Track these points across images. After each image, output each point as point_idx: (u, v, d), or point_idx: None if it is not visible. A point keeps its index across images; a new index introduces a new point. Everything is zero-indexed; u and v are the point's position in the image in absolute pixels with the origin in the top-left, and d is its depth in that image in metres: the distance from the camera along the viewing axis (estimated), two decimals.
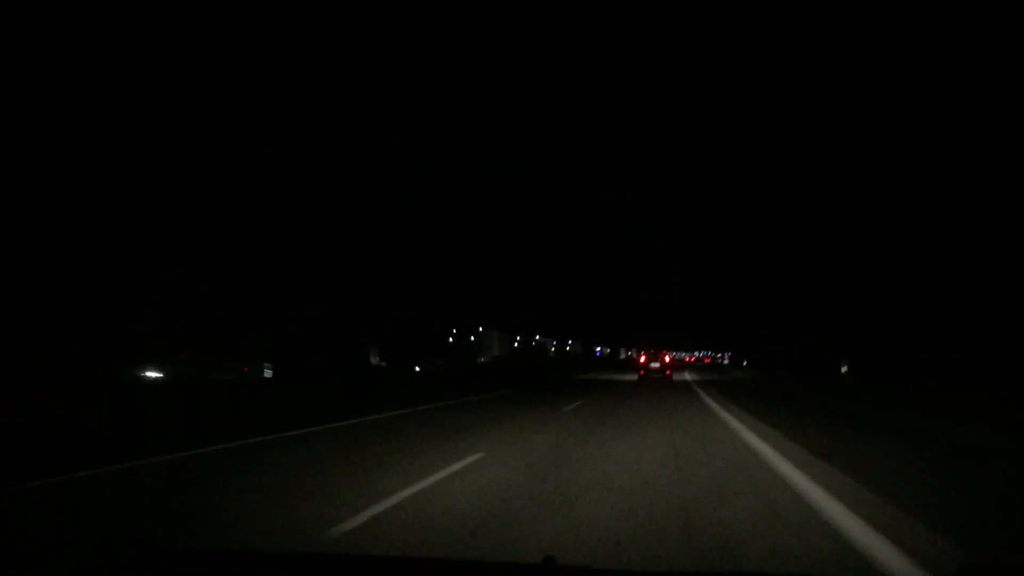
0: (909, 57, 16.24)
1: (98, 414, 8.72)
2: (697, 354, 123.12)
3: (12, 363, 12.95)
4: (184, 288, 20.03)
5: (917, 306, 22.52)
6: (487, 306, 44.84)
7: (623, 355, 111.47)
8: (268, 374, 25.00)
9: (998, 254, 18.11)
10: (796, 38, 16.32)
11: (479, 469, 6.16)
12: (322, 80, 19.27)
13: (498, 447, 7.68)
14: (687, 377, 37.01)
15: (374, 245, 25.89)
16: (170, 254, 18.61)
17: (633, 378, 32.45)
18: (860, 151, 20.33)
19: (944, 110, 16.97)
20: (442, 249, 30.66)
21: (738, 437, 8.75)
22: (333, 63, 18.59)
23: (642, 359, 35.34)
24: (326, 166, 21.34)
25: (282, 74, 18.21)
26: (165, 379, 19.29)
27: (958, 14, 14.20)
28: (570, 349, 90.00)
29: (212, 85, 16.70)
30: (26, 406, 9.00)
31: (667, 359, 35.34)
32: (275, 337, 25.13)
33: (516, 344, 72.08)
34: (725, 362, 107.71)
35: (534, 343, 75.48)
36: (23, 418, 8.48)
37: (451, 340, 52.32)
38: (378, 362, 37.61)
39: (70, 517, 4.49)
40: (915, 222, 20.73)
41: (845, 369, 31.62)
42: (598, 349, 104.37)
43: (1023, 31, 13.86)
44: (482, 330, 62.71)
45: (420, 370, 34.45)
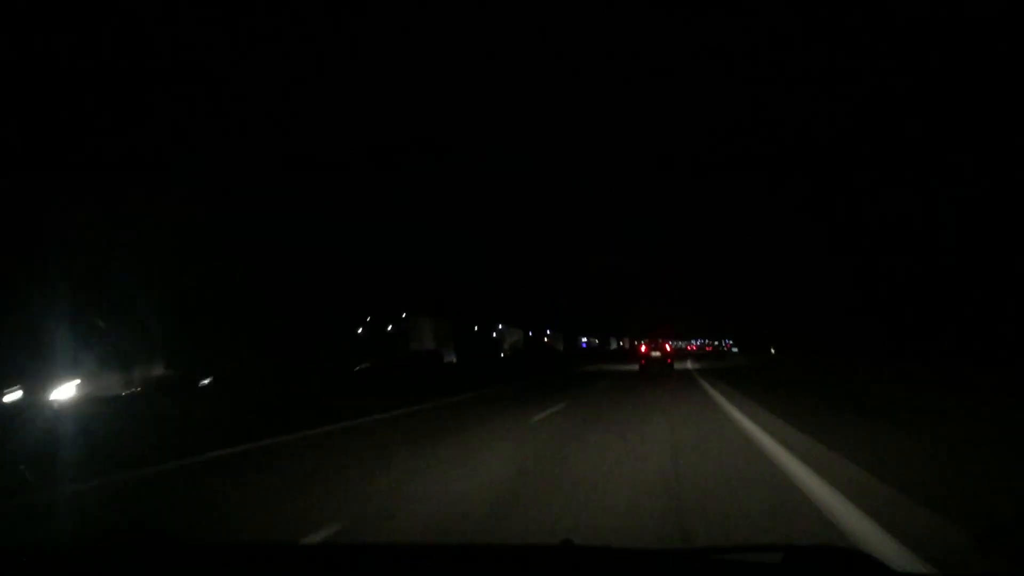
0: (909, 57, 16.25)
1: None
2: (696, 342, 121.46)
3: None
4: None
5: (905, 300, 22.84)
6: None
7: (615, 345, 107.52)
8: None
9: (998, 253, 18.11)
10: (796, 38, 16.33)
11: None
12: (322, 80, 19.30)
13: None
14: (688, 366, 37.55)
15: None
16: None
17: (630, 367, 32.76)
18: (860, 151, 20.35)
19: (944, 110, 16.98)
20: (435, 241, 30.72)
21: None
22: (333, 63, 18.61)
23: (643, 349, 35.34)
24: (326, 166, 21.35)
25: (282, 74, 18.23)
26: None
27: (958, 14, 14.21)
28: (548, 340, 77.43)
29: (212, 85, 16.71)
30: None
31: (668, 348, 35.37)
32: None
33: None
34: (726, 349, 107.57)
35: (496, 333, 59.57)
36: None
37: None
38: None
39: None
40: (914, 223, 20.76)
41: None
42: (584, 340, 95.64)
43: (1023, 31, 13.87)
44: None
45: None
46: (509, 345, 63.14)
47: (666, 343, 35.45)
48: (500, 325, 59.43)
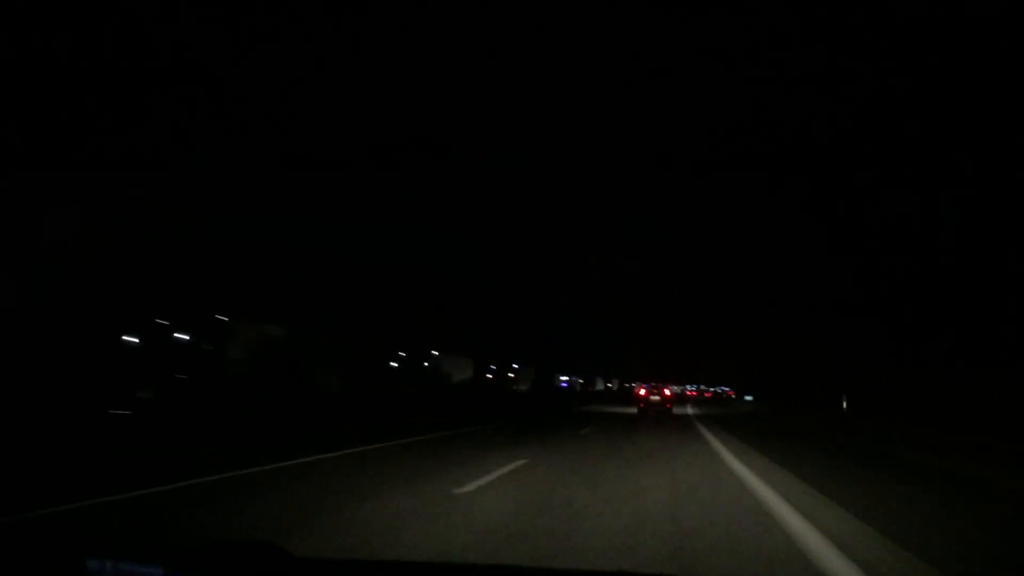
0: (909, 57, 16.22)
1: None
2: (691, 387, 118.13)
3: None
4: None
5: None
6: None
7: (602, 386, 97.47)
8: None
9: (999, 255, 18.10)
10: (796, 38, 16.31)
11: None
12: (321, 80, 19.24)
13: None
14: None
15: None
16: None
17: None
18: (860, 151, 20.30)
19: (944, 110, 16.96)
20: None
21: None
22: (333, 63, 18.56)
23: (642, 392, 35.97)
24: (325, 166, 21.31)
25: (282, 74, 18.18)
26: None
27: (958, 14, 14.20)
28: (515, 376, 63.67)
29: (212, 85, 16.65)
30: None
31: (667, 392, 35.74)
32: None
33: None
34: (726, 395, 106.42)
35: (427, 364, 44.88)
36: None
37: None
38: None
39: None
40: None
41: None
42: (564, 379, 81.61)
43: (1023, 31, 13.85)
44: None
45: None
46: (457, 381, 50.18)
47: (665, 387, 35.69)
48: (434, 352, 43.57)
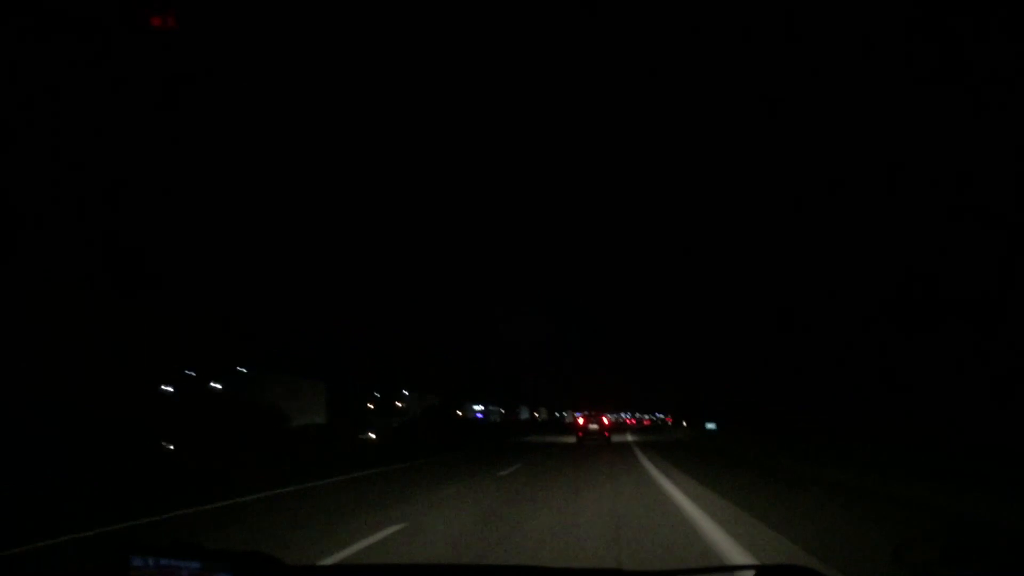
0: None
1: None
2: (627, 415, 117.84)
3: None
4: None
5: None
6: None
7: (525, 415, 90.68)
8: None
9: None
10: None
11: None
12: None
13: None
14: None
15: None
16: None
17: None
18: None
19: None
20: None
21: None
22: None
23: (581, 421, 36.20)
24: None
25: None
26: None
27: None
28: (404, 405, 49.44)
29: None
30: None
31: (605, 421, 36.08)
32: None
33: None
34: (666, 422, 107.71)
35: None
36: None
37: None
38: None
39: None
40: None
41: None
42: (479, 409, 71.20)
43: None
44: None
45: None
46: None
47: (603, 415, 36.21)
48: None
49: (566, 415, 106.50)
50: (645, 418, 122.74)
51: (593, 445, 30.22)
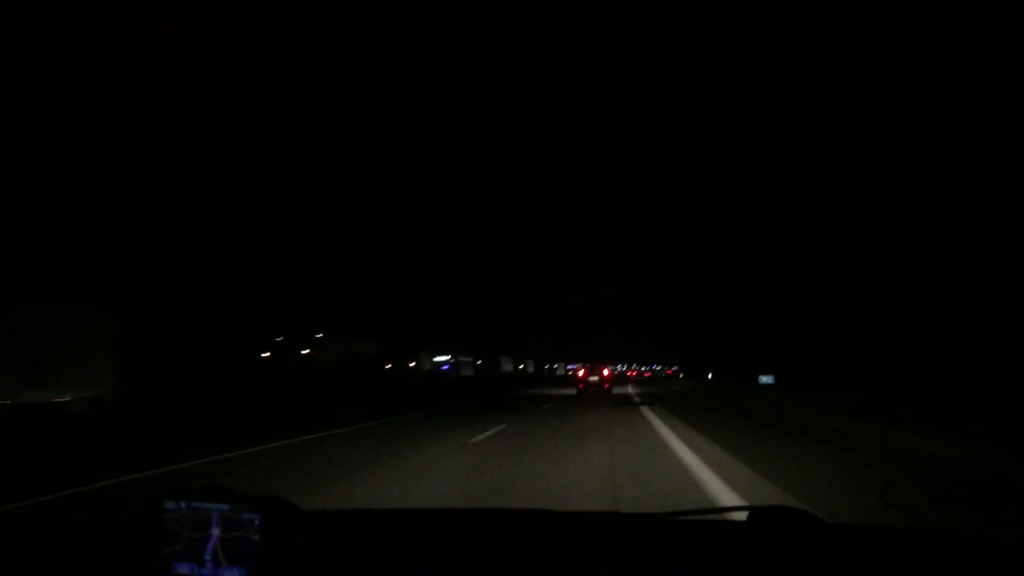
0: None
1: None
2: (622, 367, 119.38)
3: None
4: None
5: None
6: None
7: (508, 368, 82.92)
8: None
9: None
10: None
11: None
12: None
13: None
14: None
15: None
16: None
17: None
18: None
19: None
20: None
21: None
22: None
23: (581, 373, 36.44)
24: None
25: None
26: None
27: None
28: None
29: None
30: None
31: (605, 373, 36.18)
32: None
33: None
34: (668, 374, 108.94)
35: None
36: None
37: None
38: None
39: None
40: None
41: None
42: (442, 360, 60.37)
43: None
44: None
45: None
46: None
47: (604, 367, 36.29)
48: None
49: (557, 367, 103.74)
50: (645, 370, 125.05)
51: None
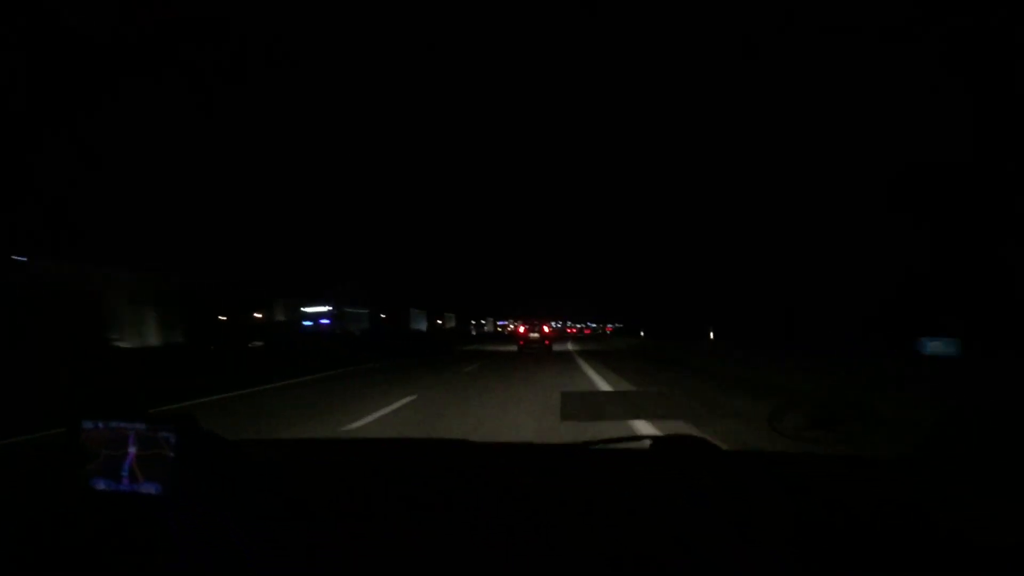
0: None
1: None
2: (559, 324, 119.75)
3: None
4: None
5: None
6: None
7: (421, 325, 66.37)
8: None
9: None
10: None
11: None
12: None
13: None
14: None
15: None
16: None
17: None
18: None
19: None
20: None
21: None
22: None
23: (521, 330, 36.70)
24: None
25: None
26: None
27: None
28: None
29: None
30: None
31: (546, 330, 36.46)
32: None
33: None
34: (608, 332, 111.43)
35: None
36: None
37: None
38: None
39: None
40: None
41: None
42: (315, 312, 44.44)
43: None
44: None
45: None
46: None
47: (544, 324, 36.53)
48: None
49: (485, 323, 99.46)
50: (586, 327, 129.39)
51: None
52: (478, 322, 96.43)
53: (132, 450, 1.37)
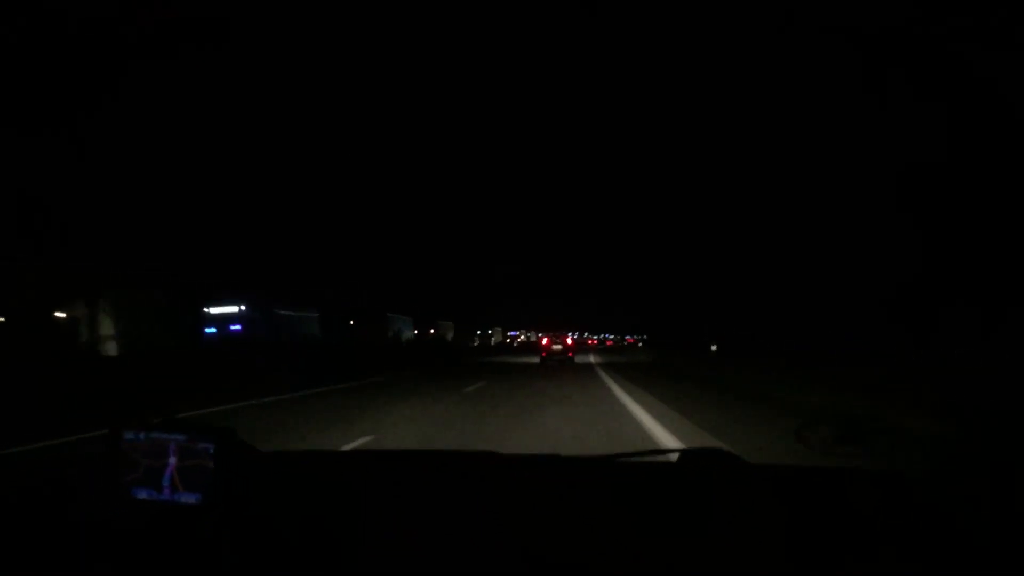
0: None
1: None
2: (575, 335, 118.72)
3: None
4: None
5: None
6: None
7: (406, 332, 54.95)
8: None
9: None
10: None
11: None
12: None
13: None
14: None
15: None
16: None
17: None
18: None
19: None
20: None
21: None
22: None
23: (544, 341, 36.81)
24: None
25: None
26: None
27: None
28: None
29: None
30: None
31: (568, 341, 36.59)
32: None
33: None
34: (629, 344, 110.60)
35: None
36: None
37: None
38: None
39: None
40: None
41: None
42: (222, 314, 29.19)
43: None
44: None
45: None
46: None
47: (566, 336, 36.73)
48: None
49: (492, 333, 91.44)
50: (608, 338, 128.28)
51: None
52: (485, 332, 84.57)
53: (172, 461, 1.41)
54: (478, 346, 62.28)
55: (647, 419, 9.24)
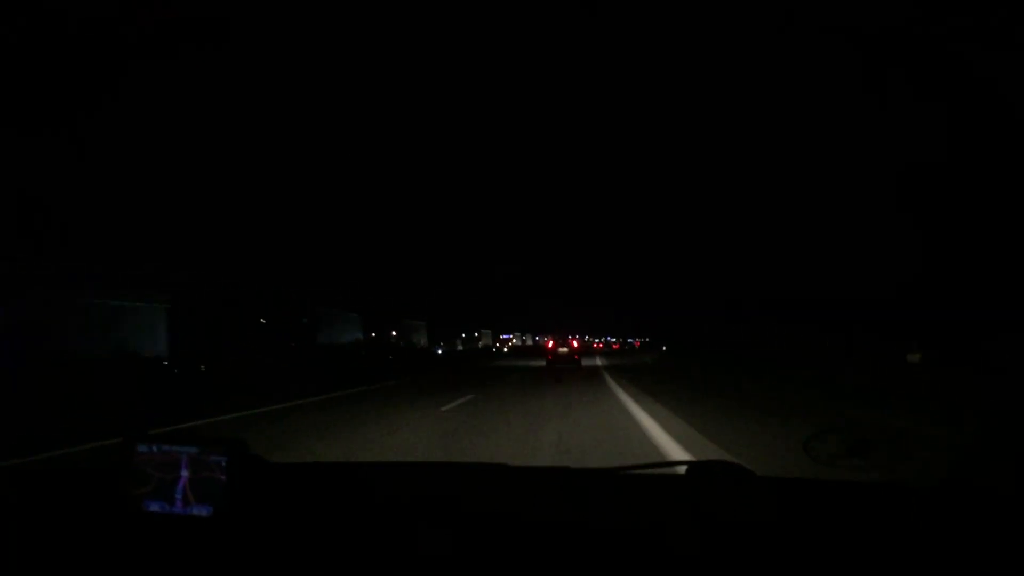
0: None
1: None
2: (573, 338, 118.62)
3: None
4: None
5: None
6: None
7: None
8: None
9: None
10: None
11: None
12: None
13: None
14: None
15: None
16: None
17: None
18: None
19: None
20: None
21: None
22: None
23: (550, 344, 36.98)
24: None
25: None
26: None
27: None
28: None
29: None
30: None
31: (574, 344, 36.72)
32: None
33: None
34: (635, 346, 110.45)
35: None
36: None
37: None
38: None
39: None
40: None
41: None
42: None
43: None
44: None
45: None
46: None
47: (573, 339, 36.86)
48: None
49: (479, 336, 79.92)
50: (613, 341, 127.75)
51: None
52: (474, 334, 73.02)
53: (184, 473, 1.41)
54: (463, 351, 53.33)
55: None
